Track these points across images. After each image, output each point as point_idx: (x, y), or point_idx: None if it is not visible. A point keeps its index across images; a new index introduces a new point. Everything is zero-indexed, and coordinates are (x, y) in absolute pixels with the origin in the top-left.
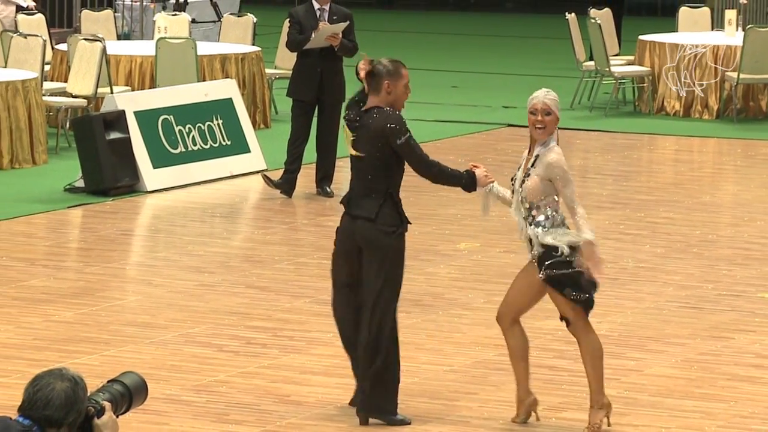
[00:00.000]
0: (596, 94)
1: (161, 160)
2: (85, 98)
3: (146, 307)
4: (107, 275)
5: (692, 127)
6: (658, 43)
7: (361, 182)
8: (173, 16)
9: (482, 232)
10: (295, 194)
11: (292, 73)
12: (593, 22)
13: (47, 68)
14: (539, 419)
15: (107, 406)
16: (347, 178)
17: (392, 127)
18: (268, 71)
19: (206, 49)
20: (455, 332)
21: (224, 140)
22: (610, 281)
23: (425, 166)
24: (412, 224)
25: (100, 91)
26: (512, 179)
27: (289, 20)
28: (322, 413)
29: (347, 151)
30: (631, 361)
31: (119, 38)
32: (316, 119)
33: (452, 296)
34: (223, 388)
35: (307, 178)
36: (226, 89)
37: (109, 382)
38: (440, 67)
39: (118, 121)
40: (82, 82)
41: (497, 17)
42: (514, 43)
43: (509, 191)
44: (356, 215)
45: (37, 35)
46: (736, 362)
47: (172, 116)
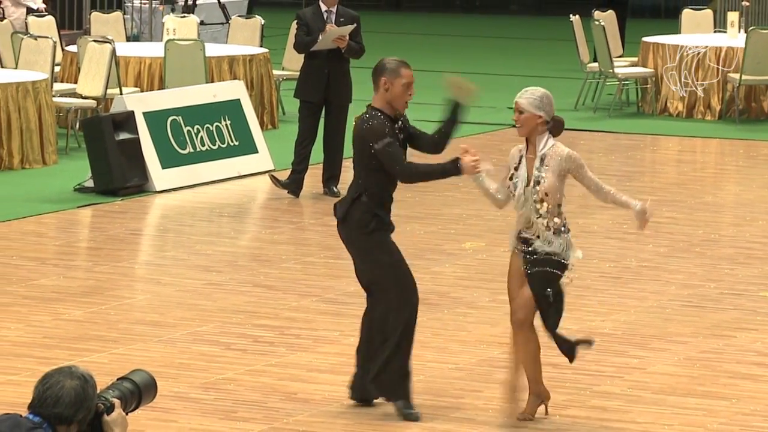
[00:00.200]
0: (600, 95)
1: (170, 160)
2: (94, 99)
3: (155, 305)
4: (116, 274)
5: (695, 127)
6: (661, 44)
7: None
8: (182, 18)
9: (487, 231)
10: (302, 194)
11: (299, 74)
12: (597, 23)
13: (57, 69)
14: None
15: (117, 403)
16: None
17: (368, 130)
18: (275, 72)
19: (214, 50)
20: (460, 330)
21: (232, 141)
22: (613, 280)
23: (402, 172)
24: (395, 228)
25: (109, 92)
26: (510, 178)
27: (296, 22)
28: (328, 411)
29: None
30: (634, 359)
31: (128, 40)
32: (323, 120)
33: (457, 295)
34: (230, 385)
35: (314, 178)
36: (234, 90)
37: (118, 379)
38: (445, 68)
39: (127, 121)
40: (91, 83)
41: (502, 19)
42: (518, 44)
43: (495, 185)
44: (337, 216)
45: (47, 37)
46: (738, 360)
47: (180, 117)
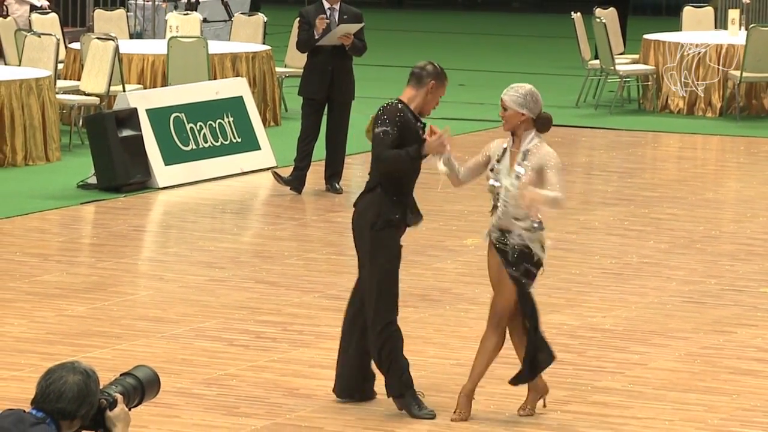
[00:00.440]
0: (601, 92)
1: (173, 157)
2: (97, 96)
3: (158, 301)
4: (119, 270)
5: (696, 124)
6: (662, 42)
7: None
8: (185, 15)
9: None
10: (304, 191)
11: (303, 72)
12: (598, 21)
13: (60, 67)
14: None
15: (119, 398)
16: (356, 174)
17: (381, 114)
18: (278, 70)
19: (217, 47)
20: (462, 326)
21: (235, 138)
22: (614, 276)
23: (377, 158)
24: (410, 224)
25: (112, 89)
26: (491, 169)
27: (299, 20)
28: (330, 406)
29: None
30: (635, 354)
31: (131, 37)
32: (325, 117)
33: (459, 291)
34: (233, 381)
35: (316, 175)
36: (236, 87)
37: (121, 375)
38: (448, 65)
39: (130, 118)
40: (94, 80)
41: (504, 17)
42: (520, 41)
43: (459, 166)
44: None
45: (50, 34)
46: (738, 356)
47: (183, 114)
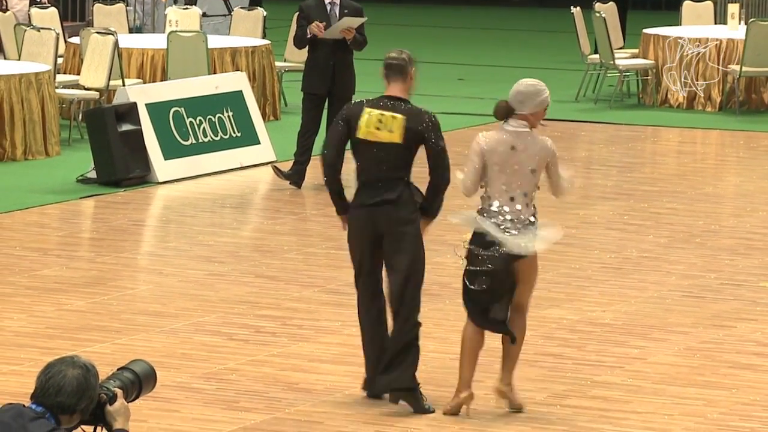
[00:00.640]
0: (601, 86)
1: (172, 151)
2: (97, 91)
3: (157, 296)
4: (119, 265)
5: (695, 119)
6: (662, 36)
7: None
8: (184, 9)
9: None
10: (304, 185)
11: (304, 67)
12: (598, 15)
13: (60, 61)
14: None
15: (119, 393)
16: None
17: (435, 123)
18: (277, 64)
19: (217, 42)
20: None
21: (234, 132)
22: (613, 271)
23: (322, 151)
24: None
25: (112, 83)
26: None
27: (298, 14)
28: (330, 400)
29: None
30: (634, 349)
31: (131, 31)
32: (326, 111)
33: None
34: (232, 375)
35: (316, 169)
36: (236, 82)
37: (119, 369)
38: (447, 60)
39: (129, 113)
40: (94, 74)
41: (504, 11)
42: (520, 36)
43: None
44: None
45: (50, 28)
46: (737, 350)
47: (183, 108)
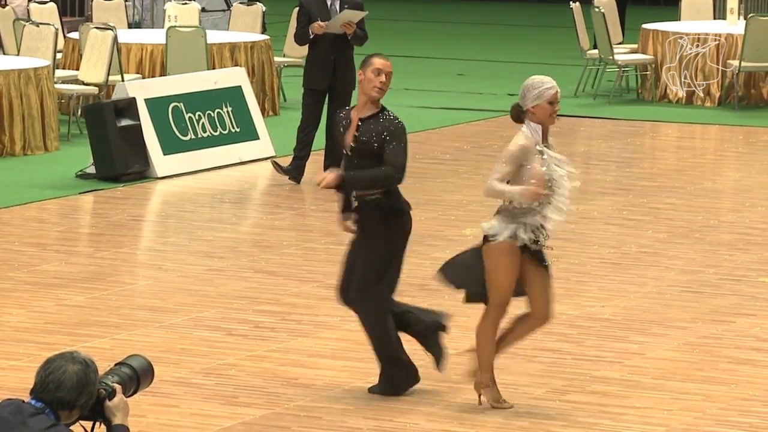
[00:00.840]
0: (600, 81)
1: (171, 146)
2: (96, 86)
3: (156, 291)
4: (118, 260)
5: (694, 114)
6: (661, 32)
7: None
8: (183, 4)
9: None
10: (303, 180)
11: (305, 63)
12: (597, 11)
13: (59, 56)
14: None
15: (118, 388)
16: None
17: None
18: (277, 59)
19: (216, 37)
20: (461, 316)
21: (233, 127)
22: (613, 266)
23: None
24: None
25: (111, 78)
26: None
27: (298, 10)
28: (329, 396)
29: None
30: (633, 344)
31: (130, 27)
32: (326, 107)
33: None
34: (231, 371)
35: (315, 164)
36: (235, 77)
37: (116, 365)
38: (446, 55)
39: (128, 108)
40: (93, 70)
41: (503, 6)
42: (519, 31)
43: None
44: None
45: (49, 24)
46: (736, 346)
47: (182, 103)
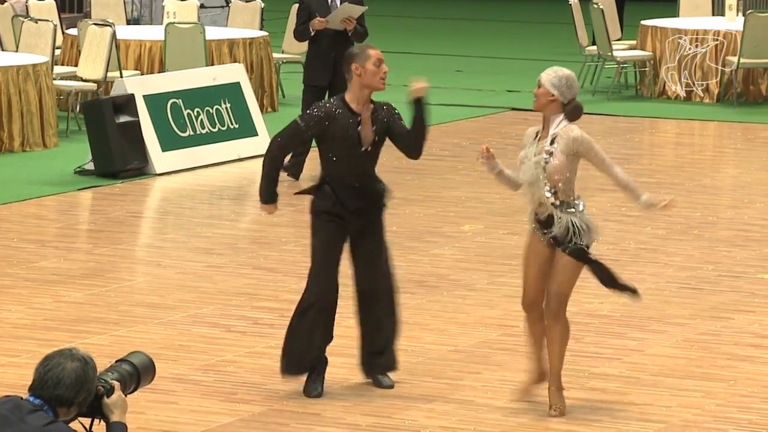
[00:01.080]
0: (599, 78)
1: (170, 143)
2: (95, 82)
3: (155, 287)
4: (117, 256)
5: (693, 110)
6: (659, 28)
7: None
8: (182, 1)
9: (486, 213)
10: (302, 177)
11: (306, 59)
12: (596, 7)
13: (58, 53)
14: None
15: (116, 385)
16: None
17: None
18: (275, 56)
19: (214, 33)
20: (459, 313)
21: (232, 124)
22: (611, 263)
23: (269, 144)
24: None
25: (109, 75)
26: (521, 161)
27: (298, 6)
28: (328, 392)
29: None
30: (632, 341)
31: (129, 23)
32: None
33: (456, 277)
34: (230, 367)
35: (314, 161)
36: (234, 73)
37: (117, 361)
38: (445, 51)
39: (127, 104)
40: (92, 66)
41: (501, 3)
42: (517, 28)
43: (515, 173)
44: None
45: (47, 20)
46: (735, 342)
47: (180, 100)
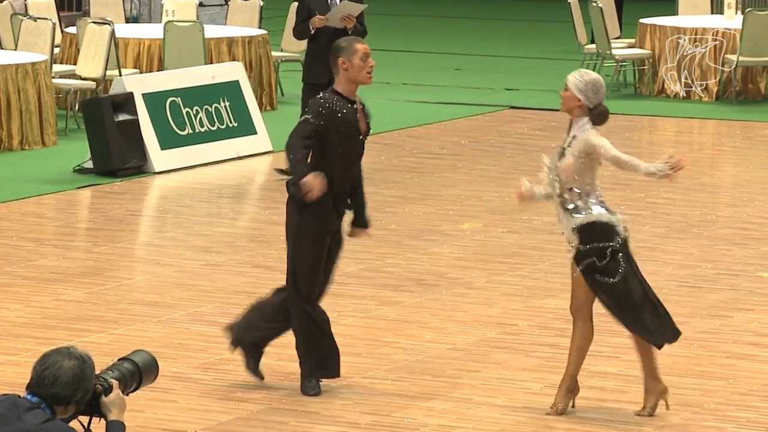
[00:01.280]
0: None
1: (169, 141)
2: (94, 81)
3: (154, 286)
4: (116, 255)
5: (692, 109)
6: (658, 26)
7: None
8: None
9: (485, 212)
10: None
11: (305, 58)
12: (595, 5)
13: (57, 51)
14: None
15: (115, 384)
16: None
17: (309, 105)
18: (274, 54)
19: (213, 32)
20: (458, 311)
21: (231, 122)
22: None
23: (288, 140)
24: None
25: (108, 73)
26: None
27: (297, 4)
28: (326, 390)
29: None
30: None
31: (128, 21)
32: None
33: (455, 275)
34: (229, 366)
35: None
36: (232, 72)
37: (119, 360)
38: (444, 50)
39: (126, 103)
40: (91, 64)
41: (500, 1)
42: (516, 26)
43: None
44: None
45: (46, 18)
46: (734, 340)
47: (179, 98)
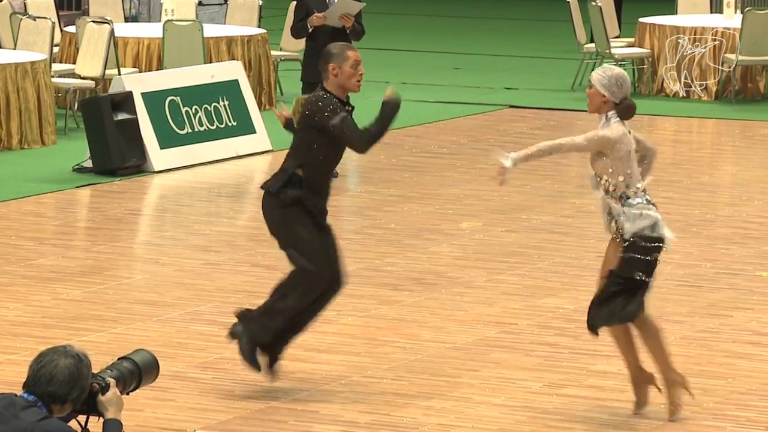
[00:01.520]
0: None
1: (168, 140)
2: (93, 80)
3: (153, 285)
4: (115, 254)
5: (691, 108)
6: (658, 25)
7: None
8: None
9: (484, 211)
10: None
11: (304, 56)
12: (594, 4)
13: (56, 50)
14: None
15: (112, 383)
16: (351, 158)
17: (321, 107)
18: (273, 53)
19: (212, 31)
20: (457, 310)
21: (230, 121)
22: None
23: (360, 142)
24: (325, 212)
25: (108, 72)
26: None
27: (296, 4)
28: (326, 389)
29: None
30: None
31: (127, 20)
32: None
33: (454, 275)
34: (229, 365)
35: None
36: (232, 71)
37: (119, 359)
38: (443, 49)
39: (125, 102)
40: (90, 63)
41: (500, 0)
42: (516, 25)
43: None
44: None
45: (46, 17)
46: (734, 339)
47: (178, 97)
